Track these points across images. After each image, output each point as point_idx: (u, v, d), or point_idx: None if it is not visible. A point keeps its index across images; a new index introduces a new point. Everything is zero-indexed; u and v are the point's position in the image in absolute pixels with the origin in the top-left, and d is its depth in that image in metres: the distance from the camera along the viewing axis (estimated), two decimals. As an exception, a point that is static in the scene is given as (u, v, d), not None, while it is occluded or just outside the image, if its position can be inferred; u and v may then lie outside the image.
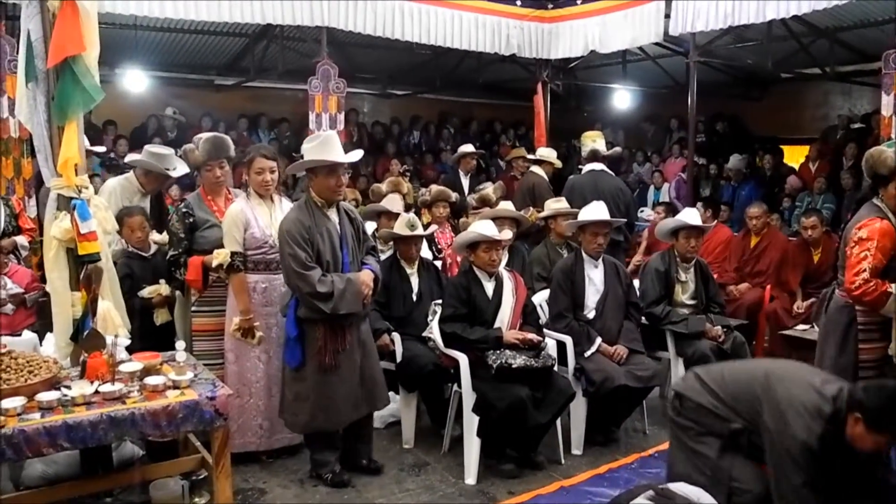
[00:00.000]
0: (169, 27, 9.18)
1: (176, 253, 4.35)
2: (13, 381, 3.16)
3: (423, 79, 11.82)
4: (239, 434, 4.21)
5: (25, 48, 3.71)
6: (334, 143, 3.90)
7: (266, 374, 4.28)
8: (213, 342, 4.39)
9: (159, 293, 4.49)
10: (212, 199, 4.48)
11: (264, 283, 4.25)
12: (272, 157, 4.30)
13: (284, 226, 3.88)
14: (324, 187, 3.90)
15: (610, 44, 8.72)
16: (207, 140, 4.42)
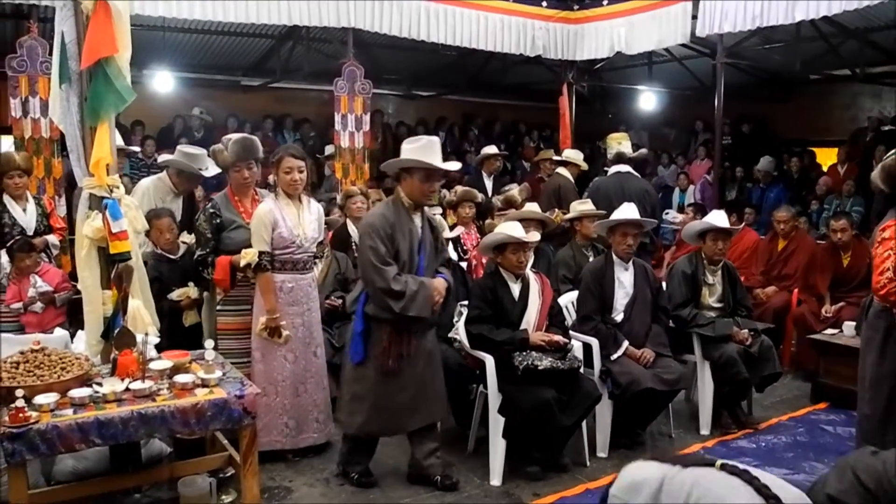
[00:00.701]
0: (196, 28, 9.29)
1: (203, 253, 4.38)
2: (46, 378, 3.21)
3: (448, 80, 11.84)
4: (265, 432, 4.22)
5: (59, 50, 3.76)
6: (436, 149, 3.86)
7: (293, 373, 4.30)
8: (238, 341, 4.41)
9: (188, 295, 4.54)
10: (239, 199, 4.49)
11: (291, 283, 4.27)
12: (301, 156, 4.31)
13: (368, 219, 3.89)
14: (415, 189, 3.86)
15: (636, 45, 8.68)
16: (236, 141, 4.42)
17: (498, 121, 13.50)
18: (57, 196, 6.34)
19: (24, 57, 6.14)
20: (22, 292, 4.97)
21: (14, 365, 3.28)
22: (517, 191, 6.78)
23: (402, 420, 3.95)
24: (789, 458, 4.59)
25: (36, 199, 5.48)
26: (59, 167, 6.48)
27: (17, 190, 5.29)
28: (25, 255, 5.00)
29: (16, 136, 6.25)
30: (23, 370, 3.25)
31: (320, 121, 11.52)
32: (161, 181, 5.29)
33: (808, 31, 8.28)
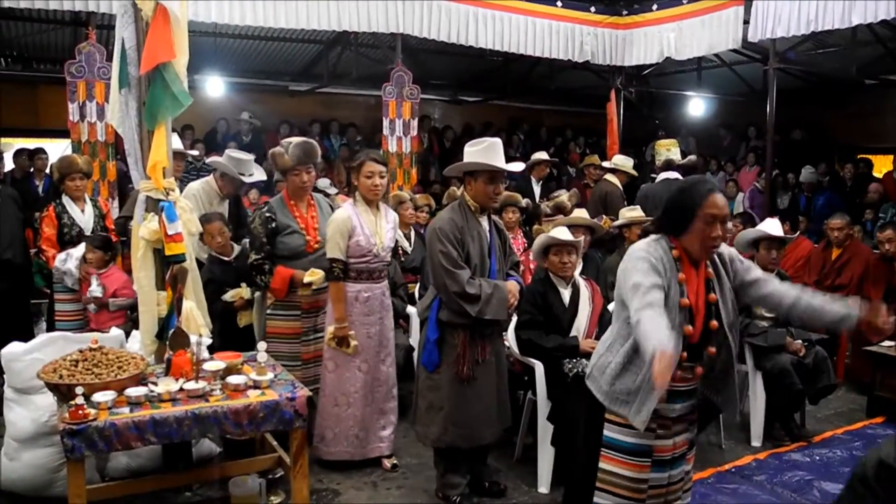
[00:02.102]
0: (246, 34, 9.44)
1: (259, 258, 4.38)
2: (104, 376, 3.27)
3: (494, 85, 11.84)
4: (335, 442, 4.22)
5: (119, 56, 3.84)
6: (499, 150, 3.81)
7: (364, 383, 4.23)
8: (288, 345, 4.43)
9: (241, 296, 4.57)
10: (294, 203, 4.48)
11: (367, 293, 4.21)
12: (382, 161, 4.26)
13: (437, 224, 3.82)
14: (481, 192, 3.80)
15: (686, 51, 8.62)
16: (297, 145, 4.40)
17: (544, 126, 13.47)
18: (111, 198, 6.48)
19: (83, 63, 6.31)
20: (83, 291, 5.10)
21: (73, 363, 3.34)
22: (566, 196, 6.76)
23: (479, 430, 3.84)
24: (845, 472, 4.45)
25: (93, 201, 5.60)
26: (113, 170, 6.64)
27: (77, 192, 5.42)
28: (93, 249, 5.10)
29: (73, 140, 6.42)
30: (82, 368, 3.31)
31: (366, 125, 11.64)
32: (208, 184, 5.37)
33: (865, 35, 8.12)
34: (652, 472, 2.83)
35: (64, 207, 5.38)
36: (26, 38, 9.28)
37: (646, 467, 2.83)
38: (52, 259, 5.22)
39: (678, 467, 2.92)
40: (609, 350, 2.86)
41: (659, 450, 2.84)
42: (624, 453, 2.84)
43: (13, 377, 3.88)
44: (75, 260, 5.14)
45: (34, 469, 3.85)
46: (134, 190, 4.25)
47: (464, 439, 3.82)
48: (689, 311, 2.76)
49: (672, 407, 2.81)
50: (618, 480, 2.85)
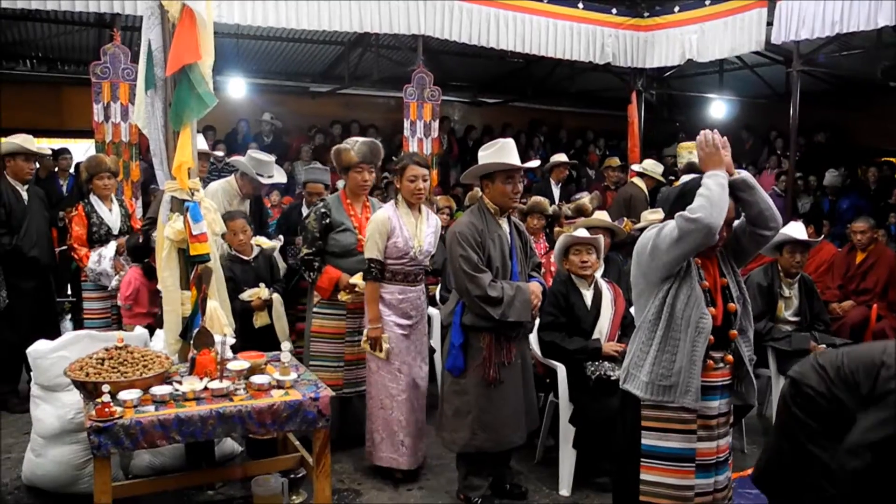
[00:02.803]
0: (268, 36, 9.49)
1: (310, 252, 4.41)
2: (130, 375, 3.30)
3: (515, 87, 11.84)
4: (383, 447, 4.17)
5: (146, 57, 3.87)
6: (511, 149, 3.81)
7: (406, 385, 4.17)
8: (332, 345, 4.44)
9: (259, 296, 4.59)
10: (351, 202, 4.51)
11: (402, 295, 4.15)
12: (425, 164, 4.21)
13: (456, 228, 3.80)
14: (499, 193, 3.80)
15: (708, 52, 8.56)
16: (365, 143, 4.43)
17: (563, 128, 13.44)
18: (134, 198, 6.54)
19: (108, 64, 6.35)
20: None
21: (100, 361, 3.37)
22: (588, 199, 6.73)
23: (507, 433, 3.81)
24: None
25: (119, 201, 5.66)
26: (136, 170, 6.68)
27: (105, 191, 5.49)
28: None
29: (97, 140, 6.46)
30: (108, 366, 3.34)
31: (387, 126, 11.67)
32: (229, 184, 5.40)
33: (889, 37, 8.02)
34: (697, 478, 2.79)
35: (93, 207, 5.45)
36: (51, 39, 9.39)
37: (690, 473, 2.80)
38: (84, 258, 5.29)
39: (723, 472, 2.89)
40: (641, 343, 2.86)
41: (702, 453, 2.81)
42: (666, 460, 2.81)
43: (40, 374, 3.92)
44: (108, 259, 5.21)
45: (60, 465, 3.90)
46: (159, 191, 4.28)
47: (492, 443, 3.81)
48: (708, 293, 2.80)
49: (710, 405, 2.80)
50: (662, 490, 2.81)
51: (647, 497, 2.85)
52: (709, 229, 2.62)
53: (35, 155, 5.51)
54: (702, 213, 2.60)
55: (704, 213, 2.60)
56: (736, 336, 2.88)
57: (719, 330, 2.80)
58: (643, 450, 2.83)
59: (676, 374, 2.74)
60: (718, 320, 2.80)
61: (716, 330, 2.78)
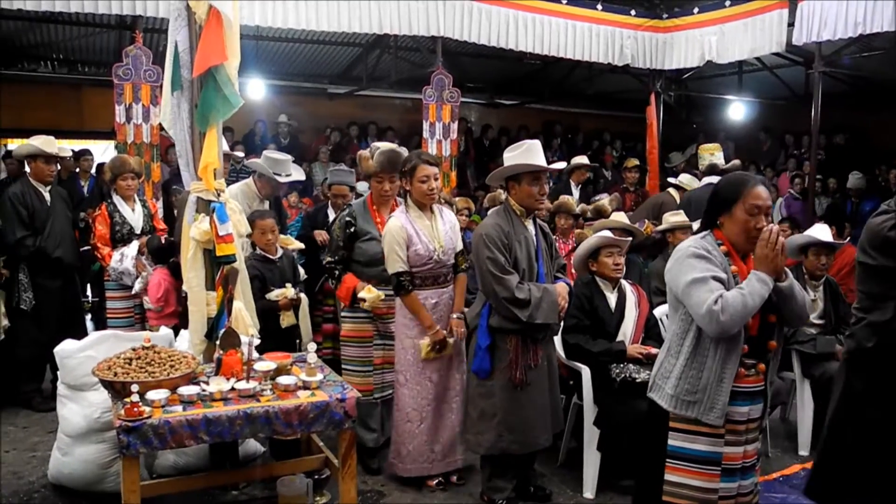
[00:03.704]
0: (286, 37, 9.52)
1: (332, 261, 4.36)
2: (157, 375, 3.31)
3: (532, 89, 11.82)
4: (409, 459, 4.13)
5: (172, 58, 3.89)
6: (537, 150, 3.78)
7: (437, 394, 4.13)
8: (360, 348, 4.38)
9: (285, 296, 4.58)
10: (377, 209, 4.40)
11: (434, 299, 4.10)
12: (434, 162, 4.13)
13: (482, 230, 3.77)
14: (525, 195, 3.77)
15: (727, 54, 8.51)
16: (383, 152, 4.28)
17: (581, 130, 13.41)
18: (155, 199, 6.57)
19: (130, 66, 6.38)
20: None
21: (127, 361, 3.39)
22: (607, 201, 6.71)
23: (533, 435, 3.80)
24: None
25: (142, 201, 5.69)
26: (157, 171, 6.72)
27: (128, 191, 5.52)
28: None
29: (119, 141, 6.50)
30: (135, 366, 3.35)
31: (403, 128, 11.67)
32: (247, 186, 5.41)
33: (913, 39, 7.94)
34: (722, 482, 2.78)
35: (115, 206, 5.48)
36: (72, 41, 9.46)
37: (715, 476, 2.78)
38: (107, 257, 5.32)
39: (749, 478, 2.87)
40: (669, 354, 2.84)
41: (729, 457, 2.78)
42: (692, 462, 2.79)
43: (66, 374, 3.95)
44: (130, 259, 5.24)
45: (86, 464, 3.92)
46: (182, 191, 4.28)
47: (518, 445, 3.79)
48: None
49: (739, 409, 2.77)
50: (686, 491, 2.80)
51: (670, 498, 2.84)
52: (726, 333, 2.64)
53: (56, 157, 5.54)
54: (727, 319, 2.58)
55: (731, 319, 2.58)
56: (774, 347, 2.84)
57: (755, 339, 2.76)
58: (669, 450, 2.82)
59: (702, 391, 2.72)
60: (754, 330, 2.75)
61: (751, 339, 2.74)
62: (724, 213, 2.74)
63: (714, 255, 2.72)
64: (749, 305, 2.59)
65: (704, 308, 2.61)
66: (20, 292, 5.27)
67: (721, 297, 2.59)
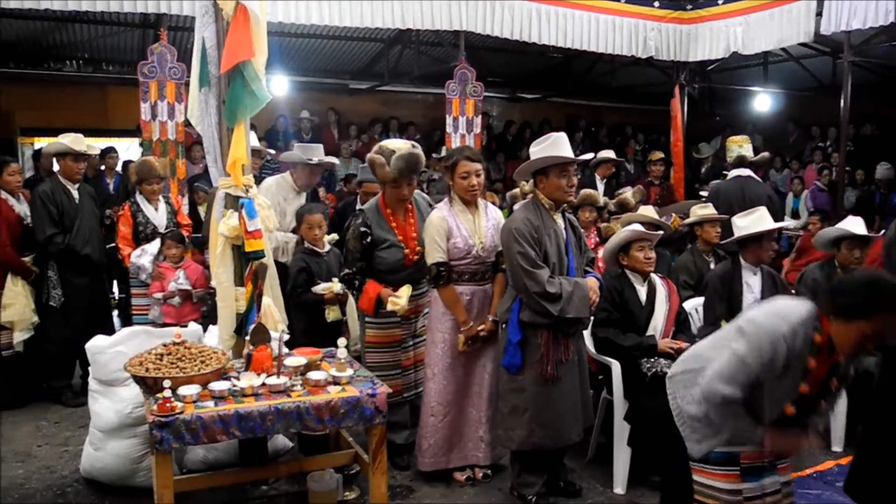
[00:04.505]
0: (308, 33, 9.52)
1: (350, 272, 4.25)
2: (188, 370, 3.32)
3: (554, 82, 11.75)
4: (429, 453, 4.12)
5: (200, 55, 3.90)
6: (564, 143, 3.76)
7: (462, 391, 4.10)
8: (389, 353, 4.31)
9: (331, 290, 4.51)
10: (391, 213, 4.26)
11: (469, 295, 4.05)
12: (477, 158, 4.05)
13: (512, 224, 3.73)
14: (554, 188, 3.74)
15: (753, 45, 8.42)
16: (401, 157, 4.06)
17: (603, 123, 13.32)
18: (180, 195, 6.60)
19: (155, 63, 6.41)
20: (164, 284, 5.25)
21: (158, 357, 3.41)
22: (630, 194, 6.66)
23: (564, 430, 3.77)
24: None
25: (165, 199, 5.73)
26: (182, 168, 6.75)
27: (153, 195, 5.60)
28: (174, 244, 5.30)
29: (144, 138, 6.53)
30: (167, 362, 3.37)
31: (425, 123, 11.66)
32: (284, 179, 5.43)
33: (942, 26, 7.80)
34: (745, 482, 2.76)
35: (139, 206, 5.53)
36: (97, 40, 9.51)
37: (734, 476, 2.77)
38: (127, 258, 5.36)
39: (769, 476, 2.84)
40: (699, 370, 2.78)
41: (746, 456, 2.76)
42: (711, 464, 2.80)
43: (98, 369, 3.98)
44: (150, 256, 5.30)
45: (118, 459, 3.95)
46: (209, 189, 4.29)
47: (550, 440, 3.77)
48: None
49: None
50: (712, 492, 2.80)
51: (701, 497, 2.85)
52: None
53: (84, 155, 5.58)
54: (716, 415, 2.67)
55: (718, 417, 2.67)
56: (823, 408, 2.80)
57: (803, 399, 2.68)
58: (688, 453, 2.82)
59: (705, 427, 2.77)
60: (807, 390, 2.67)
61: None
62: (859, 316, 2.51)
63: (794, 344, 2.56)
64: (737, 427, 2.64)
65: (716, 385, 2.61)
66: (49, 289, 5.32)
67: (733, 402, 2.59)
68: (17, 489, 4.10)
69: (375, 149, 4.25)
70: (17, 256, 5.26)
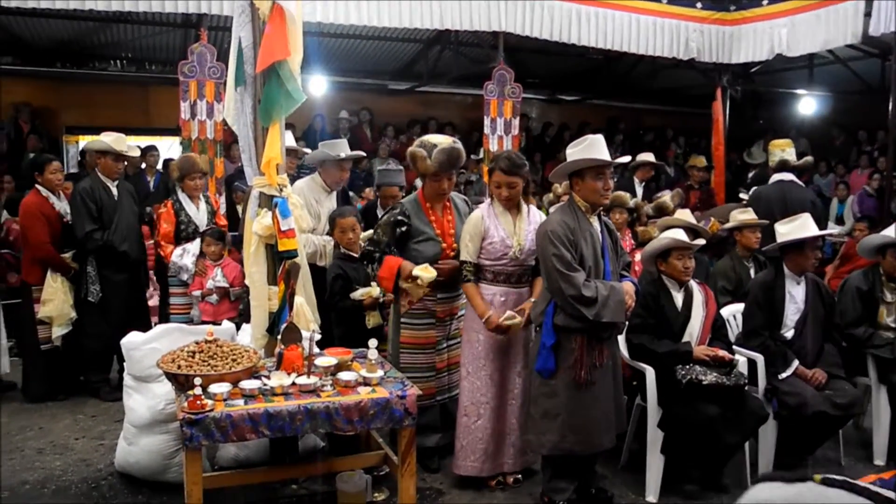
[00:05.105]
0: (347, 34, 9.57)
1: (371, 249, 4.23)
2: (219, 368, 3.33)
3: (593, 84, 11.66)
4: (462, 455, 4.07)
5: (236, 54, 3.92)
6: (601, 145, 3.71)
7: (496, 394, 4.04)
8: (423, 355, 4.25)
9: (370, 295, 4.45)
10: (431, 206, 4.25)
11: (503, 297, 3.99)
12: (512, 171, 3.95)
13: (548, 227, 3.68)
14: (590, 190, 3.68)
15: (799, 47, 8.26)
16: (443, 151, 4.05)
17: (643, 126, 13.18)
18: (217, 194, 6.66)
19: (195, 63, 6.49)
20: (204, 282, 5.31)
21: (190, 354, 3.43)
22: (669, 197, 6.55)
23: (597, 435, 3.71)
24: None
25: (205, 198, 5.77)
26: (220, 167, 6.82)
27: (195, 191, 5.63)
28: (213, 241, 5.36)
29: (184, 137, 6.61)
30: (199, 359, 3.39)
31: (463, 124, 11.64)
32: (313, 180, 5.34)
33: None
34: None
35: (181, 204, 5.58)
36: (139, 40, 9.67)
37: None
38: (169, 256, 5.41)
39: None
40: None
41: None
42: None
43: (132, 365, 4.02)
44: (191, 255, 5.34)
45: (150, 454, 3.99)
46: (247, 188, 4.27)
47: (581, 446, 3.71)
48: None
49: None
50: None
51: None
52: None
53: (125, 155, 5.65)
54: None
55: None
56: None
57: None
58: None
59: None
60: None
61: None
62: None
63: None
64: None
65: None
66: (88, 285, 5.40)
67: None
68: (54, 480, 4.17)
69: (417, 142, 4.25)
70: (56, 253, 5.35)
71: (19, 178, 7.86)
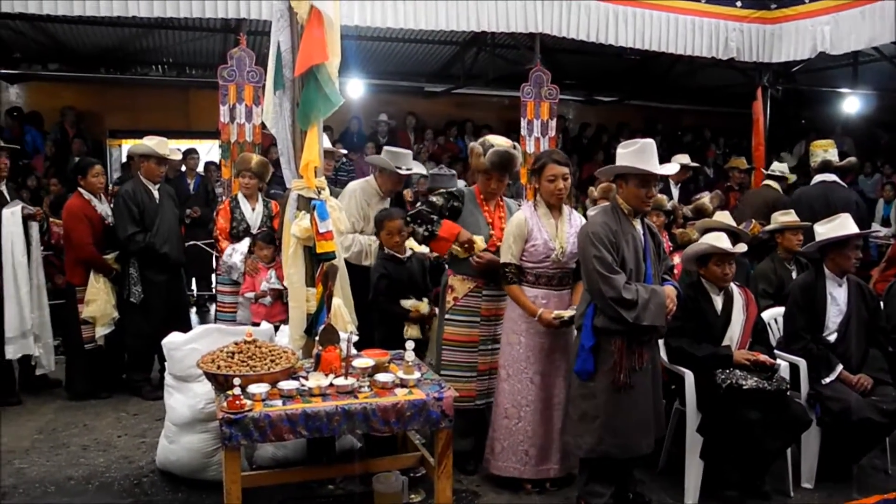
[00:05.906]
0: (384, 37, 9.60)
1: (427, 211, 4.27)
2: (258, 369, 3.38)
3: (631, 85, 11.55)
4: (503, 457, 4.07)
5: (275, 58, 3.96)
6: (652, 152, 3.66)
7: (538, 397, 4.03)
8: (465, 353, 4.26)
9: (418, 310, 4.45)
10: (484, 199, 4.36)
11: (544, 299, 3.99)
12: (565, 161, 4.01)
13: (590, 228, 3.68)
14: (633, 196, 3.67)
15: (842, 44, 8.06)
16: (496, 152, 4.15)
17: (681, 126, 13.02)
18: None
19: (234, 67, 6.56)
20: (256, 284, 5.37)
21: (230, 354, 3.48)
22: (708, 199, 6.46)
23: (635, 440, 3.67)
24: None
25: (265, 202, 5.80)
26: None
27: (246, 190, 5.66)
28: (265, 245, 5.41)
29: (223, 140, 6.69)
30: (237, 360, 3.44)
31: (500, 126, 11.59)
32: (368, 184, 5.30)
33: None
34: None
35: (237, 203, 5.67)
36: (180, 45, 9.83)
37: None
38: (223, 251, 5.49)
39: None
40: None
41: None
42: None
43: (173, 365, 4.09)
44: (240, 255, 5.41)
45: (190, 452, 4.05)
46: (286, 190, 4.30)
47: (619, 449, 3.67)
48: None
49: None
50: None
51: None
52: None
53: (167, 159, 5.74)
54: None
55: None
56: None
57: None
58: None
59: None
60: None
61: None
62: None
63: None
64: None
65: None
66: (130, 286, 5.50)
67: None
68: (98, 477, 4.27)
69: (480, 140, 4.35)
70: (98, 254, 5.46)
71: (65, 181, 8.05)
